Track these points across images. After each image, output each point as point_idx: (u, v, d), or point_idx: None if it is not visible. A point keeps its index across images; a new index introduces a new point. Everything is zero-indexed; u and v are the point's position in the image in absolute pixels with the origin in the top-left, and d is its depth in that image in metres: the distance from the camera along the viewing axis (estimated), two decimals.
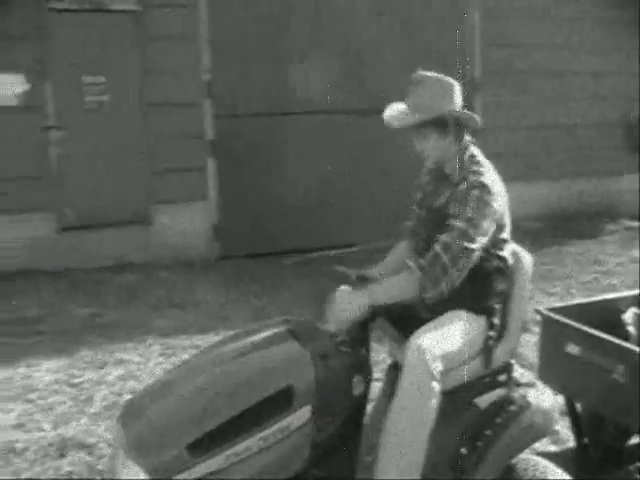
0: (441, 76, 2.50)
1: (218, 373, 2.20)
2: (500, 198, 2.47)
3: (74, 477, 3.29)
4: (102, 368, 4.53)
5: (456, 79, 2.52)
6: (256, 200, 7.58)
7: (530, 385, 2.60)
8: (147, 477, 1.97)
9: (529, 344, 4.39)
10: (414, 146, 2.52)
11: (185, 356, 4.58)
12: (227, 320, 5.30)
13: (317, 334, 2.35)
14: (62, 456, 3.43)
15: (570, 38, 8.89)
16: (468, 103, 8.09)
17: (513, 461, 2.51)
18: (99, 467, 3.31)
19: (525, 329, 4.85)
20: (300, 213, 7.74)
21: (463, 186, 2.44)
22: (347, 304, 2.29)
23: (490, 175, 2.49)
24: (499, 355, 2.51)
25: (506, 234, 2.54)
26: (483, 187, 2.41)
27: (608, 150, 9.32)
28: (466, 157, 2.53)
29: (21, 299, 5.96)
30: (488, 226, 2.40)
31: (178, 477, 1.97)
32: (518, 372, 2.62)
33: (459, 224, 2.35)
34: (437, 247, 2.34)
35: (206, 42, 7.39)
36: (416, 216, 2.73)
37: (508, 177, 2.71)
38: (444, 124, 2.45)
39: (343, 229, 7.82)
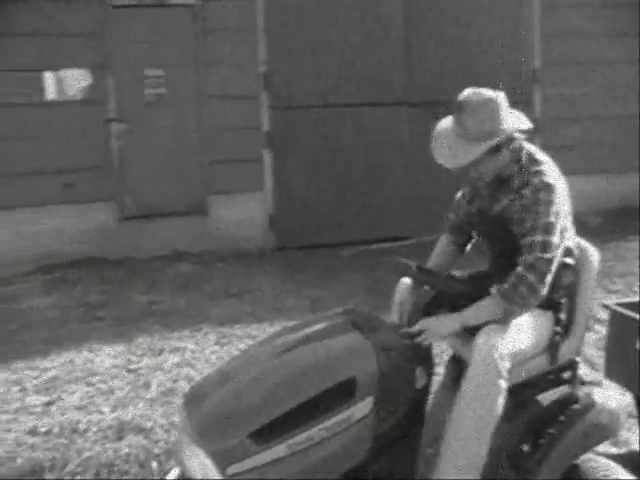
0: (486, 95, 2.42)
1: (280, 363, 2.21)
2: (564, 192, 2.40)
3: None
4: (159, 355, 4.61)
5: (514, 71, 2.47)
6: (311, 191, 7.59)
7: (595, 384, 2.55)
8: (210, 462, 2.00)
9: (590, 342, 4.29)
10: (465, 171, 2.42)
11: (240, 345, 4.64)
12: (282, 310, 5.33)
13: (379, 326, 2.34)
14: (120, 438, 3.50)
15: (633, 26, 8.60)
16: (526, 95, 8.03)
17: (577, 461, 2.46)
18: (155, 451, 3.37)
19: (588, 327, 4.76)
20: (355, 205, 7.72)
21: (527, 191, 2.35)
22: (439, 327, 2.30)
23: (552, 172, 2.41)
24: (564, 352, 2.46)
25: (569, 224, 2.47)
26: (548, 187, 2.33)
27: None
28: (524, 158, 2.45)
29: (85, 286, 6.14)
30: (561, 225, 2.34)
31: (240, 464, 1.99)
32: (583, 370, 2.57)
33: (538, 238, 2.27)
34: (520, 269, 2.27)
35: (263, 34, 7.43)
36: (464, 212, 2.68)
37: (567, 170, 2.64)
38: (497, 146, 2.36)
39: (398, 222, 7.77)
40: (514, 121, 2.43)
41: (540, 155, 2.48)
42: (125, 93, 7.12)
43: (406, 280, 2.60)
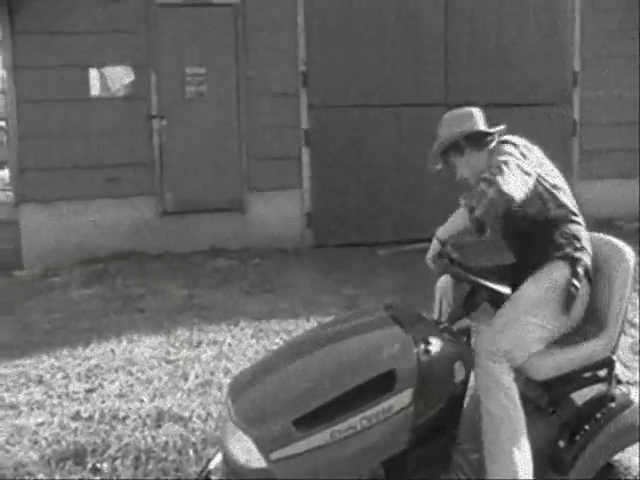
0: (460, 110, 2.76)
1: (323, 354, 2.27)
2: (538, 154, 2.66)
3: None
4: (197, 347, 4.70)
5: (555, 73, 2.53)
6: (349, 190, 7.64)
7: (632, 383, 2.56)
8: (255, 447, 2.06)
9: (625, 346, 4.26)
10: (456, 176, 2.78)
11: (277, 340, 4.71)
12: (318, 307, 5.39)
13: (419, 320, 2.38)
14: (159, 426, 3.59)
15: None
16: (567, 97, 7.94)
17: (612, 460, 2.48)
18: (192, 439, 3.44)
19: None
20: (392, 205, 7.75)
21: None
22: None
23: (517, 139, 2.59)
24: (599, 349, 2.46)
25: (563, 193, 2.64)
26: (506, 141, 2.56)
27: None
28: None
29: (125, 278, 6.30)
30: (535, 171, 2.53)
31: (284, 449, 2.05)
32: (620, 370, 2.57)
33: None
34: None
35: (303, 33, 7.51)
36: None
37: (604, 174, 2.67)
38: (457, 146, 2.68)
39: (434, 222, 7.75)
40: (478, 125, 2.74)
41: (515, 138, 2.61)
42: (167, 90, 7.26)
43: (445, 277, 2.64)
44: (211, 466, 2.48)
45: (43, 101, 7.00)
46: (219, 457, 2.44)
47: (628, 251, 2.56)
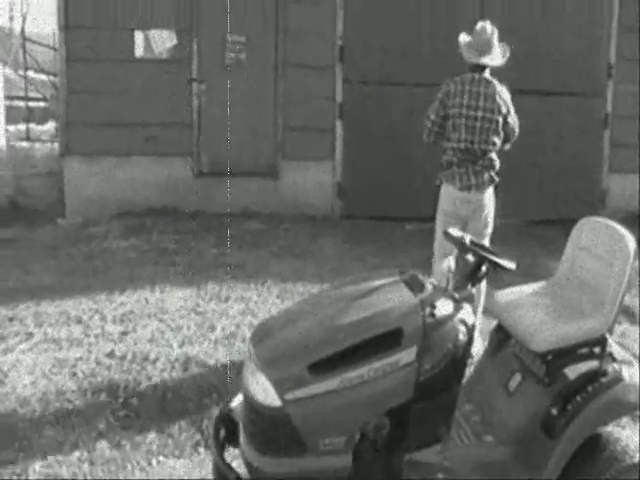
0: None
1: (339, 308, 2.50)
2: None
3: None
4: (225, 302, 4.96)
5: (590, 65, 2.66)
6: (379, 164, 7.77)
7: (626, 362, 2.72)
8: (272, 387, 2.31)
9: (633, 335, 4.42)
10: None
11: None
12: (343, 274, 5.50)
13: (428, 287, 2.60)
14: (185, 370, 3.87)
15: None
16: (600, 89, 7.93)
17: (600, 431, 2.66)
18: (215, 384, 3.70)
19: (633, 321, 4.87)
20: (422, 181, 7.86)
21: None
22: None
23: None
24: (595, 327, 2.65)
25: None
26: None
27: None
28: None
29: (160, 233, 6.58)
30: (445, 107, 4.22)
31: (298, 391, 2.28)
32: (615, 349, 2.74)
33: None
34: None
35: (341, 8, 7.61)
36: None
37: (636, 167, 2.81)
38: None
39: None
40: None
41: None
42: (207, 56, 7.46)
43: (453, 250, 2.85)
44: (232, 404, 2.74)
45: (91, 60, 7.25)
46: (240, 397, 2.68)
47: (629, 238, 2.73)
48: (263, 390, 2.32)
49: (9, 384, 3.62)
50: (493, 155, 4.30)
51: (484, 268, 2.59)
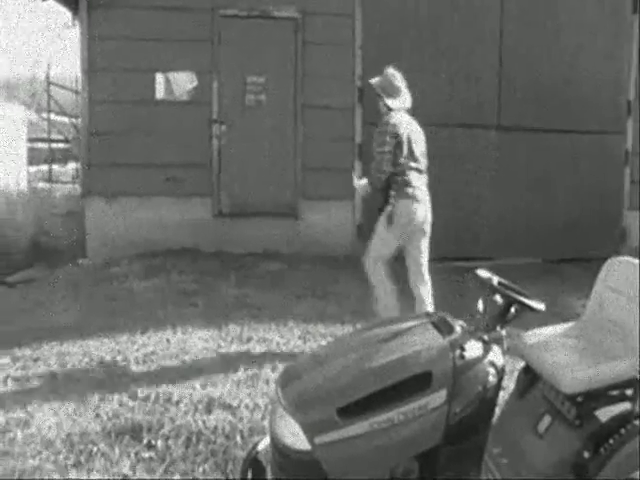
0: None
1: (368, 352, 2.49)
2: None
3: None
4: (247, 343, 4.96)
5: (608, 102, 2.65)
6: None
7: None
8: (301, 431, 2.30)
9: None
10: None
11: (323, 342, 4.92)
12: (365, 315, 5.50)
13: (456, 328, 2.59)
14: (209, 412, 3.84)
15: None
16: (620, 126, 7.96)
17: (634, 475, 2.61)
18: (240, 426, 3.67)
19: None
20: (439, 222, 7.84)
21: None
22: None
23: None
24: (626, 369, 2.61)
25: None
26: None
27: None
28: None
29: (180, 274, 6.62)
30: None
31: (327, 435, 2.26)
32: None
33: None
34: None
35: (359, 50, 7.75)
36: None
37: None
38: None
39: (481, 242, 7.93)
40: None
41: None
42: (227, 97, 7.60)
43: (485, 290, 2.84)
44: (259, 448, 2.72)
45: (112, 101, 7.42)
46: (266, 440, 2.67)
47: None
48: (292, 434, 2.30)
49: (34, 425, 3.61)
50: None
51: (513, 309, 2.57)
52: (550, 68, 8.04)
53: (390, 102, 4.86)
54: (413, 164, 4.82)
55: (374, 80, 4.96)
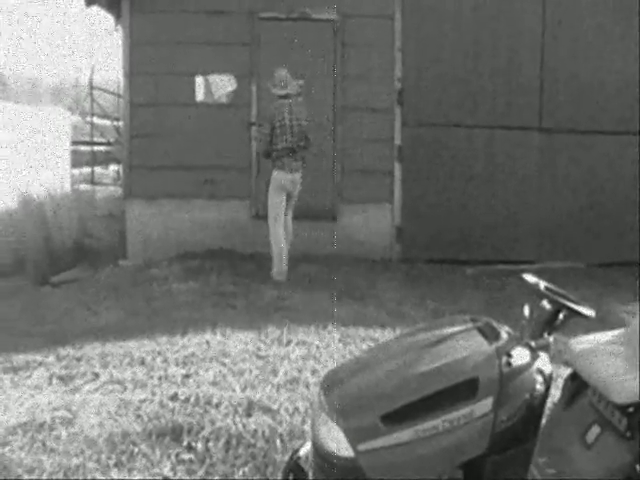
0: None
1: (412, 357, 2.44)
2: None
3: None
4: (286, 345, 4.92)
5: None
6: (439, 207, 7.78)
7: None
8: (344, 437, 2.27)
9: None
10: None
11: (363, 346, 4.88)
12: (404, 318, 5.53)
13: (503, 334, 2.54)
14: (249, 415, 3.81)
15: None
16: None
17: None
18: (279, 430, 3.64)
19: None
20: (481, 225, 7.82)
21: None
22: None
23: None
24: None
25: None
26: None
27: None
28: None
29: (219, 275, 6.66)
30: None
31: (371, 442, 2.23)
32: None
33: None
34: None
35: (399, 52, 7.71)
36: None
37: None
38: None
39: (523, 245, 7.81)
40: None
41: None
42: (266, 100, 7.57)
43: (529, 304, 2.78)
44: (300, 453, 2.70)
45: (153, 104, 7.51)
46: (307, 446, 2.64)
47: None
48: (335, 440, 2.27)
49: (77, 424, 3.65)
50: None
51: (561, 315, 2.51)
52: (590, 70, 7.89)
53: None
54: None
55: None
